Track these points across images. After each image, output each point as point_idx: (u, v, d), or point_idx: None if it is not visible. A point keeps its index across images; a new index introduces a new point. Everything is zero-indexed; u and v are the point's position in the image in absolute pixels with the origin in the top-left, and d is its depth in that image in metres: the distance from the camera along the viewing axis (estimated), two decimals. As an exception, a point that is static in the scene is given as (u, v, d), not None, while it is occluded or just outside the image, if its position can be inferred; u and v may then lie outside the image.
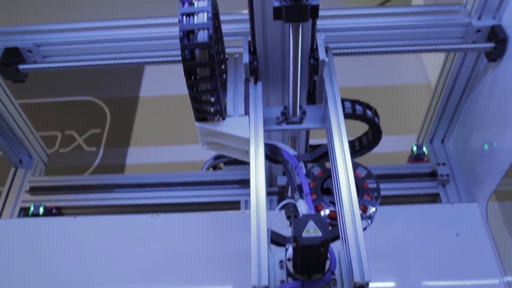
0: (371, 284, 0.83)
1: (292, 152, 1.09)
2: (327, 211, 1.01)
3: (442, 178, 1.71)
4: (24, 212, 1.80)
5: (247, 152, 1.04)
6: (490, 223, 1.49)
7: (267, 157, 1.09)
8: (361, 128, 1.39)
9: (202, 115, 1.06)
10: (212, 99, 1.03)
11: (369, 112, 1.30)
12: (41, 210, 1.74)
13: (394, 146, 2.18)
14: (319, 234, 0.78)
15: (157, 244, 1.53)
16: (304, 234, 0.79)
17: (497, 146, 1.46)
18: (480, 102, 1.58)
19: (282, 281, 0.87)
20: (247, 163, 1.01)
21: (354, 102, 1.30)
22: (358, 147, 1.53)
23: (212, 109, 1.06)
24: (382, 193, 1.05)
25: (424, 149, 1.84)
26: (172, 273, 1.47)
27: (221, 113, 1.06)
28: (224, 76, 1.19)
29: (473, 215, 1.54)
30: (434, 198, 1.74)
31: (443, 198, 1.70)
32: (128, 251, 1.52)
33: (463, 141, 1.75)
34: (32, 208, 1.75)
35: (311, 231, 0.79)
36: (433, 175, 1.75)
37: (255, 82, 1.18)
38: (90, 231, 1.58)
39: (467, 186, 1.70)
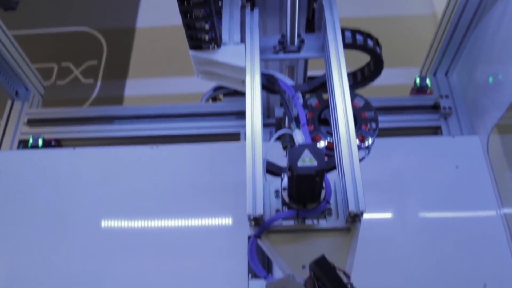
0: (369, 215, 0.83)
1: (289, 82, 1.06)
2: (326, 142, 1.00)
3: (444, 110, 1.69)
4: (23, 144, 1.80)
5: (243, 82, 1.01)
6: (490, 156, 1.48)
7: (264, 87, 1.07)
8: (362, 60, 1.35)
9: (196, 43, 1.03)
10: (207, 26, 0.99)
11: (370, 42, 1.25)
12: (40, 142, 1.74)
13: (397, 78, 2.14)
14: (315, 163, 0.77)
15: (157, 175, 1.54)
16: (299, 164, 0.77)
17: (502, 79, 1.43)
18: (487, 33, 1.53)
19: (277, 210, 0.87)
20: (246, 94, 0.99)
21: (354, 32, 1.25)
22: (360, 78, 1.49)
23: (206, 37, 1.02)
24: (384, 125, 1.04)
25: (428, 81, 1.80)
26: (172, 203, 1.49)
27: (216, 41, 1.03)
28: (220, 3, 1.14)
29: (474, 147, 1.53)
30: (435, 131, 1.73)
31: (445, 131, 1.69)
32: (127, 182, 1.53)
33: (467, 74, 1.71)
34: (31, 140, 1.75)
35: (307, 160, 0.78)
36: (435, 107, 1.73)
37: (252, 9, 1.13)
38: (90, 162, 1.59)
39: (469, 119, 1.68)
